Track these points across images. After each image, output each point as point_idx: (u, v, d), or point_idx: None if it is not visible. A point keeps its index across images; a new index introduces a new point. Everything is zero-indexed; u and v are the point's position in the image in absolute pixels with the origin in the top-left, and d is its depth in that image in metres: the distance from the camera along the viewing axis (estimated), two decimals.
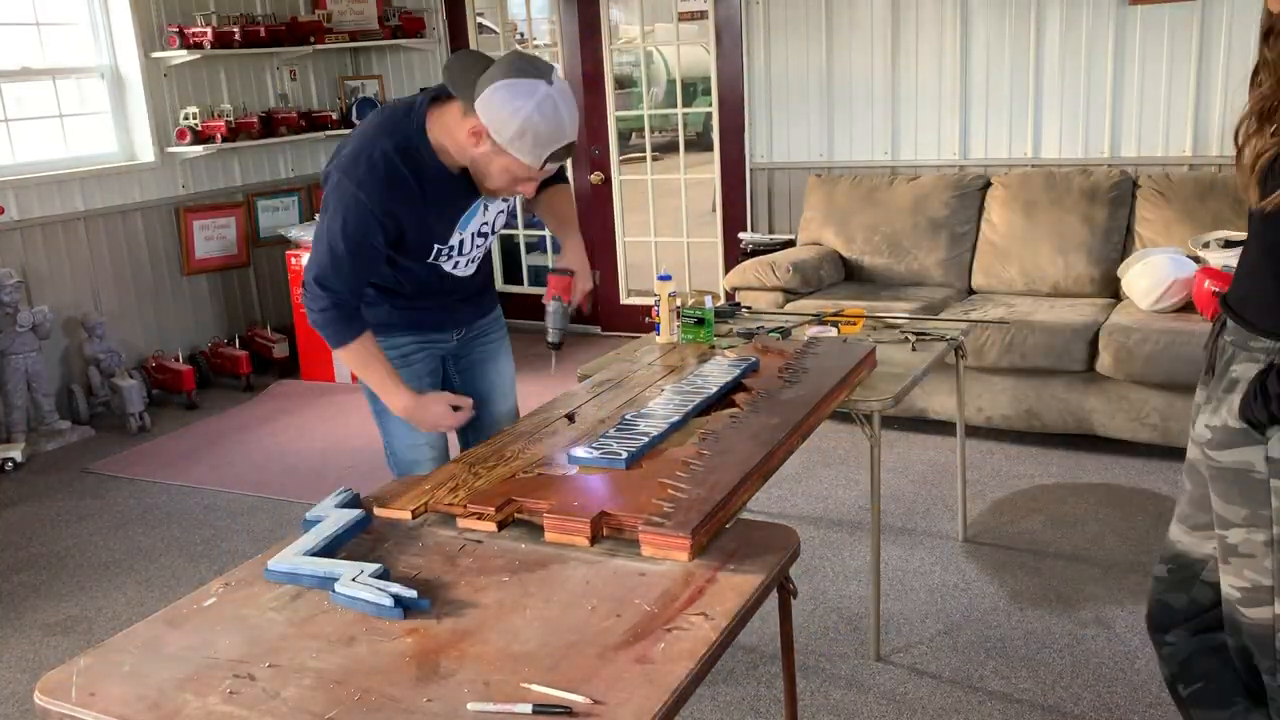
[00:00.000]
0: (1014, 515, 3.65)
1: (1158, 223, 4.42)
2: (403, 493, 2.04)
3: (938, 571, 3.28)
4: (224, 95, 5.91)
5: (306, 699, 1.42)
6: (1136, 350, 3.88)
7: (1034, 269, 4.57)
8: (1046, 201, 4.58)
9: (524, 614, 1.61)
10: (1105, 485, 3.86)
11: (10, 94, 5.14)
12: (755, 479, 2.06)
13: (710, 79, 5.70)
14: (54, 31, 5.33)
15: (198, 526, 3.97)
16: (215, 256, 5.90)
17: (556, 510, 1.86)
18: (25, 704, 2.85)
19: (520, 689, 1.42)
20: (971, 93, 5.00)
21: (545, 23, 6.34)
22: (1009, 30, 4.86)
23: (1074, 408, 4.09)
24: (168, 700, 1.44)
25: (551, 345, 2.54)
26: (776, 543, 1.81)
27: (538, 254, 6.64)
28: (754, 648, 2.89)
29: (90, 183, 5.31)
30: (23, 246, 5.04)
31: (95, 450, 4.87)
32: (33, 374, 4.86)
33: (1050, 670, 2.74)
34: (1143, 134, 4.68)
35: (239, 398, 5.51)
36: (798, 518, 3.73)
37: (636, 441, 2.13)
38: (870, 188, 5.01)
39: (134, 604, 3.40)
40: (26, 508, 4.25)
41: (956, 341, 3.11)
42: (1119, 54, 4.66)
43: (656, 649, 1.49)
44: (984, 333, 4.12)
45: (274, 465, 4.54)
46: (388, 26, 6.24)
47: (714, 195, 5.90)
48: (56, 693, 1.48)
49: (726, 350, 2.90)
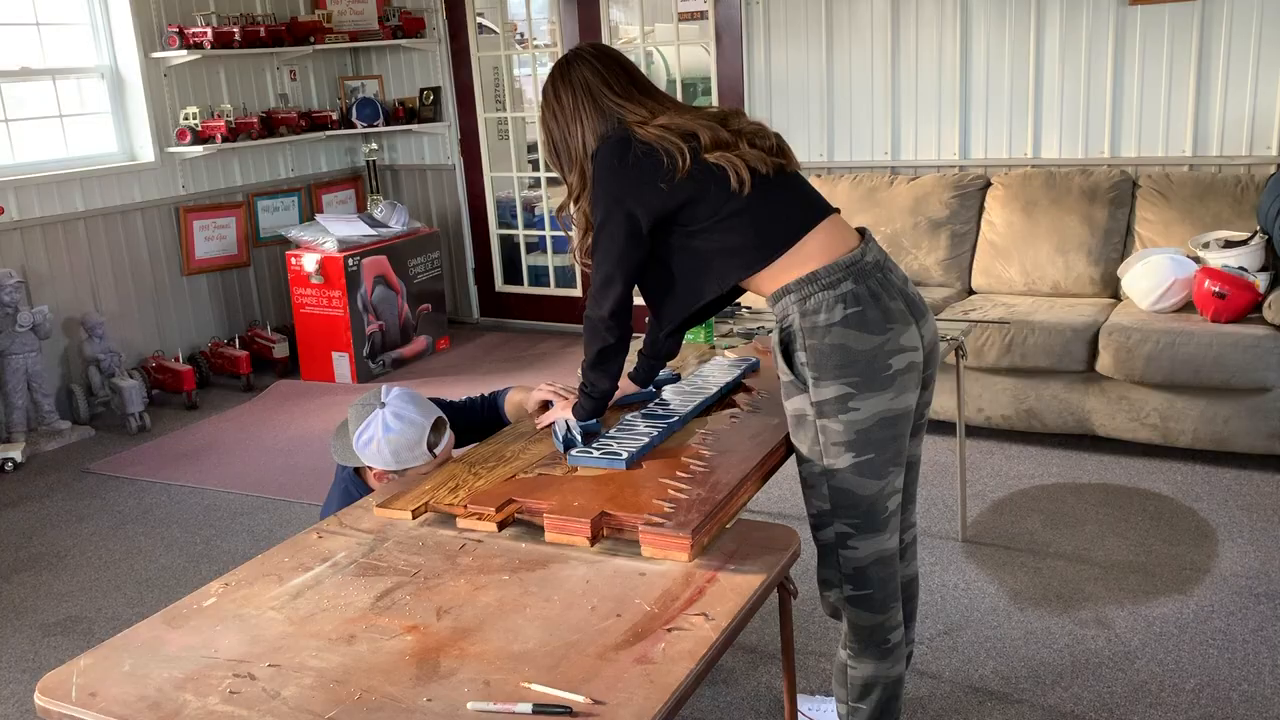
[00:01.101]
0: (1014, 515, 3.65)
1: (1158, 223, 4.42)
2: (403, 493, 2.04)
3: (938, 571, 3.28)
4: (224, 95, 5.91)
5: (306, 699, 1.42)
6: (1136, 350, 3.88)
7: (1034, 269, 4.56)
8: (1046, 201, 4.58)
9: (524, 614, 1.61)
10: (1105, 485, 3.86)
11: (10, 94, 5.14)
12: (755, 479, 2.06)
13: (710, 79, 5.70)
14: (54, 31, 5.33)
15: (198, 526, 3.97)
16: (215, 256, 5.90)
17: (556, 510, 1.86)
18: (25, 704, 2.85)
19: (520, 689, 1.42)
20: (971, 93, 5.00)
21: (545, 23, 6.34)
22: (1009, 30, 4.86)
23: (1074, 408, 4.10)
24: (168, 700, 1.44)
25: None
26: (776, 543, 1.81)
27: (538, 254, 6.64)
28: (754, 648, 2.89)
29: (90, 183, 5.32)
30: (23, 246, 5.04)
31: (95, 450, 4.87)
32: (33, 374, 4.86)
33: (1050, 670, 2.74)
34: (1143, 134, 4.68)
35: (239, 398, 5.51)
36: (798, 518, 3.73)
37: (637, 441, 2.13)
38: (870, 188, 5.01)
39: (134, 604, 3.40)
40: (26, 508, 4.25)
41: (957, 341, 3.11)
42: (1119, 54, 4.66)
43: (656, 649, 1.49)
44: (984, 333, 4.12)
45: (274, 465, 4.54)
46: (388, 26, 6.24)
47: None
48: (56, 693, 1.48)
49: (726, 350, 2.90)
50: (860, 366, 1.95)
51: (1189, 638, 2.85)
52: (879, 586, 2.08)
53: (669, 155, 1.99)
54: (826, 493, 2.03)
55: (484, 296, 6.74)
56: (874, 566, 2.06)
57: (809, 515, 2.09)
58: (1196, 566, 3.22)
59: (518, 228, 6.62)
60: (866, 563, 2.05)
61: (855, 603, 2.09)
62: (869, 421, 1.97)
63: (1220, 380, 3.76)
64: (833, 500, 2.03)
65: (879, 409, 1.97)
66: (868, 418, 1.96)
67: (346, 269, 5.47)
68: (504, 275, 6.71)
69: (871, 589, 2.07)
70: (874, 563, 2.05)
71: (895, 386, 1.98)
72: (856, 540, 2.04)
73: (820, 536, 2.08)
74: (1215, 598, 3.04)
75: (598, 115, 2.10)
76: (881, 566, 2.06)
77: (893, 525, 2.06)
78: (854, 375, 1.95)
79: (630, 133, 2.04)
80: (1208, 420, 3.85)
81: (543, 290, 6.61)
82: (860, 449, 1.98)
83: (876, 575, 2.06)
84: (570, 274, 6.49)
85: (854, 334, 1.95)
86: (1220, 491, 3.73)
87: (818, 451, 2.01)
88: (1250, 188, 4.28)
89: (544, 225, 6.54)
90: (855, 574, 2.06)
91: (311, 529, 1.97)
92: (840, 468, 1.99)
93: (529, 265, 6.67)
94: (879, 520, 2.03)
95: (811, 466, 2.04)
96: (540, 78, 6.51)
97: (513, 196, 6.56)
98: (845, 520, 2.03)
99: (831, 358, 1.95)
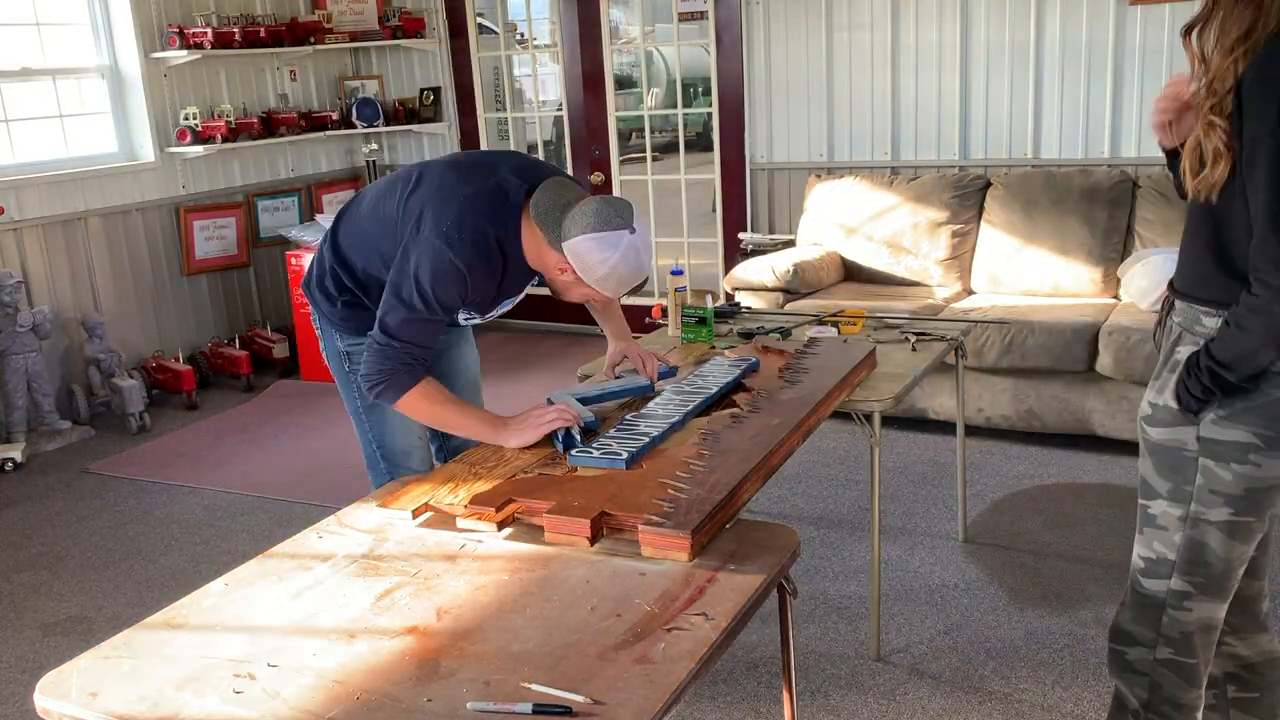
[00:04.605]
0: (1014, 515, 3.64)
1: (1158, 223, 4.42)
2: (403, 493, 2.04)
3: (938, 571, 3.28)
4: (224, 95, 5.91)
5: (306, 699, 1.42)
6: (1136, 350, 3.88)
7: (1034, 269, 4.56)
8: (1046, 201, 4.58)
9: (524, 614, 1.61)
10: (1105, 485, 3.86)
11: (10, 94, 5.14)
12: (755, 479, 2.06)
13: (710, 79, 5.70)
14: (54, 31, 5.33)
15: (198, 526, 3.97)
16: (215, 257, 5.90)
17: (556, 510, 1.86)
18: (25, 704, 2.85)
19: (520, 688, 1.42)
20: (971, 93, 5.00)
21: (545, 23, 6.34)
22: (1009, 30, 4.86)
23: (1074, 408, 4.10)
24: (168, 700, 1.44)
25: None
26: (776, 543, 1.81)
27: None
28: (754, 648, 2.89)
29: (90, 183, 5.31)
30: (23, 246, 5.04)
31: (95, 450, 4.87)
32: (33, 374, 4.86)
33: (1050, 670, 2.74)
34: (1143, 134, 4.68)
35: (239, 398, 5.51)
36: (798, 518, 3.73)
37: (637, 441, 2.13)
38: (870, 188, 5.01)
39: (134, 604, 3.40)
40: (26, 508, 4.25)
41: (956, 341, 3.11)
42: (1119, 54, 4.66)
43: (656, 649, 1.49)
44: (984, 333, 4.12)
45: (273, 465, 4.54)
46: (388, 26, 6.24)
47: (714, 195, 5.90)
48: (56, 693, 1.48)
49: (726, 350, 2.90)
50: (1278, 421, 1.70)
51: None
52: (1200, 655, 1.88)
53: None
54: (1179, 541, 1.81)
55: None
56: (1200, 634, 1.87)
57: (1140, 556, 1.88)
58: None
59: None
60: (1194, 628, 1.86)
61: (1172, 668, 1.89)
62: (1262, 484, 1.74)
63: None
64: (1184, 554, 1.81)
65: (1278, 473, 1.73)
66: (1264, 478, 1.73)
67: None
68: None
69: (1195, 659, 1.87)
70: (1201, 630, 1.86)
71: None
72: (1193, 603, 1.84)
73: (1148, 586, 1.88)
74: None
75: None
76: (1207, 634, 1.88)
77: (1232, 592, 1.86)
78: (1270, 431, 1.71)
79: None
80: None
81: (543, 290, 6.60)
82: (1242, 509, 1.75)
83: (1201, 643, 1.87)
84: None
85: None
86: None
87: (1187, 494, 1.78)
88: None
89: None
90: (1181, 639, 1.87)
91: (311, 529, 1.97)
92: (1209, 520, 1.78)
93: None
94: (1227, 587, 1.83)
95: (1172, 507, 1.81)
96: (540, 78, 6.52)
97: None
98: (1188, 577, 1.83)
99: (1253, 400, 1.71)
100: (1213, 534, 1.78)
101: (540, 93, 6.59)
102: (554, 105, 6.43)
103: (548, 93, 6.56)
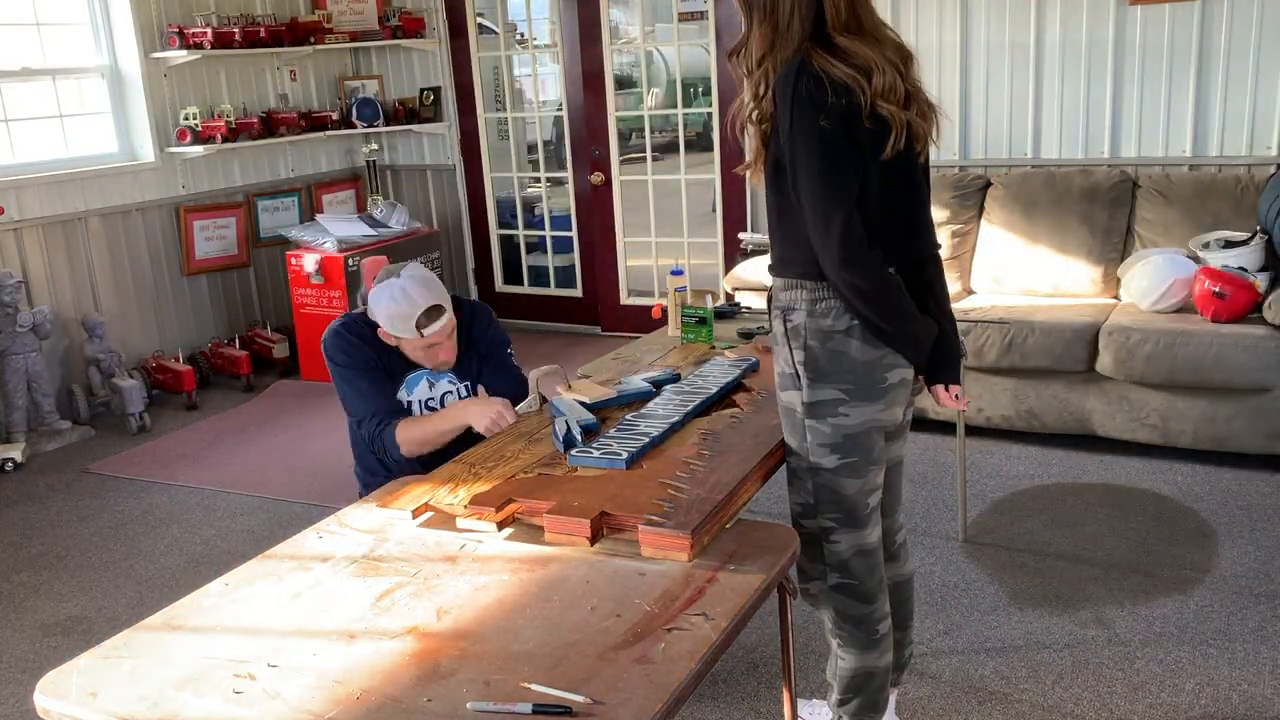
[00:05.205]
0: (1014, 515, 3.64)
1: (1158, 223, 4.42)
2: (403, 493, 2.04)
3: (938, 571, 3.28)
4: (224, 95, 5.91)
5: (306, 699, 1.42)
6: (1136, 350, 3.88)
7: (1034, 269, 4.56)
8: (1046, 201, 4.58)
9: (524, 614, 1.61)
10: (1105, 485, 3.86)
11: (10, 94, 5.14)
12: (755, 479, 2.06)
13: (710, 79, 5.70)
14: (54, 31, 5.33)
15: (198, 526, 3.97)
16: (215, 257, 5.90)
17: (556, 510, 1.86)
18: (25, 704, 2.85)
19: (520, 689, 1.42)
20: (971, 93, 5.00)
21: (545, 23, 6.34)
22: (1009, 30, 4.85)
23: (1074, 408, 4.09)
24: (168, 700, 1.44)
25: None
26: (776, 543, 1.81)
27: (538, 254, 6.64)
28: (754, 648, 2.89)
29: (90, 183, 5.31)
30: (23, 246, 5.04)
31: (95, 450, 4.87)
32: (33, 374, 4.86)
33: (1050, 670, 2.74)
34: (1143, 134, 4.68)
35: (239, 398, 5.51)
36: None
37: (637, 442, 2.14)
38: None
39: (134, 604, 3.40)
40: (26, 508, 4.25)
41: None
42: (1119, 54, 4.66)
43: (656, 649, 1.49)
44: (984, 333, 4.12)
45: (274, 465, 4.54)
46: (388, 26, 6.23)
47: (714, 195, 5.90)
48: (56, 693, 1.48)
49: (726, 350, 2.90)
50: (857, 376, 2.02)
51: (1189, 638, 2.85)
52: (864, 577, 2.17)
53: None
54: (811, 488, 2.12)
55: (484, 297, 6.74)
56: (856, 559, 2.15)
57: (792, 504, 2.18)
58: (1196, 566, 3.22)
59: (518, 228, 6.62)
60: (848, 555, 2.15)
61: (841, 591, 2.18)
62: (857, 429, 2.05)
63: (1220, 380, 3.76)
64: (816, 496, 2.12)
65: (867, 418, 2.05)
66: (856, 425, 2.04)
67: (346, 269, 5.47)
68: (504, 276, 6.71)
69: (857, 579, 2.16)
70: (855, 555, 2.15)
71: (886, 399, 2.05)
72: (838, 534, 2.13)
73: (805, 526, 2.16)
74: (1215, 598, 3.03)
75: None
76: (863, 558, 2.16)
77: (873, 520, 2.16)
78: (849, 384, 2.02)
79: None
80: (1208, 420, 3.85)
81: (543, 290, 6.61)
82: (845, 452, 2.06)
83: (859, 566, 2.16)
84: (570, 274, 6.49)
85: (856, 344, 2.00)
86: (1220, 491, 3.72)
87: (805, 448, 2.09)
88: (1250, 188, 4.28)
89: (544, 225, 6.54)
90: (839, 565, 2.16)
91: (311, 529, 1.97)
92: (825, 467, 2.08)
93: (529, 265, 6.67)
94: (860, 517, 2.13)
95: (799, 461, 2.11)
96: (540, 77, 6.52)
97: (513, 197, 6.56)
98: (828, 515, 2.12)
99: (830, 363, 2.02)
100: (831, 477, 2.08)
101: (540, 93, 6.60)
102: (554, 105, 6.44)
103: (548, 93, 6.57)
